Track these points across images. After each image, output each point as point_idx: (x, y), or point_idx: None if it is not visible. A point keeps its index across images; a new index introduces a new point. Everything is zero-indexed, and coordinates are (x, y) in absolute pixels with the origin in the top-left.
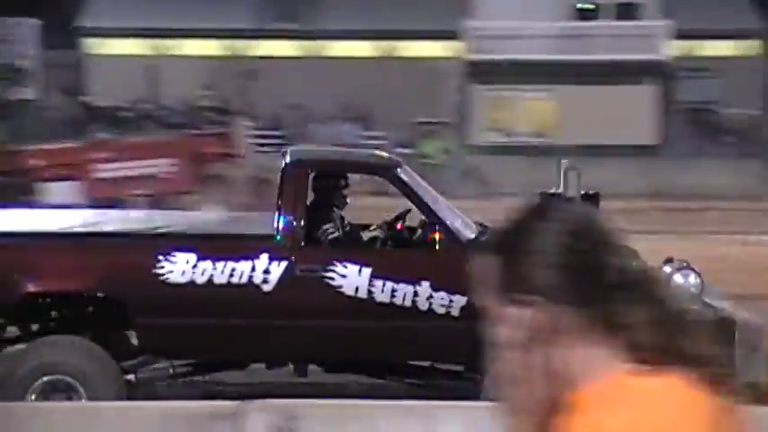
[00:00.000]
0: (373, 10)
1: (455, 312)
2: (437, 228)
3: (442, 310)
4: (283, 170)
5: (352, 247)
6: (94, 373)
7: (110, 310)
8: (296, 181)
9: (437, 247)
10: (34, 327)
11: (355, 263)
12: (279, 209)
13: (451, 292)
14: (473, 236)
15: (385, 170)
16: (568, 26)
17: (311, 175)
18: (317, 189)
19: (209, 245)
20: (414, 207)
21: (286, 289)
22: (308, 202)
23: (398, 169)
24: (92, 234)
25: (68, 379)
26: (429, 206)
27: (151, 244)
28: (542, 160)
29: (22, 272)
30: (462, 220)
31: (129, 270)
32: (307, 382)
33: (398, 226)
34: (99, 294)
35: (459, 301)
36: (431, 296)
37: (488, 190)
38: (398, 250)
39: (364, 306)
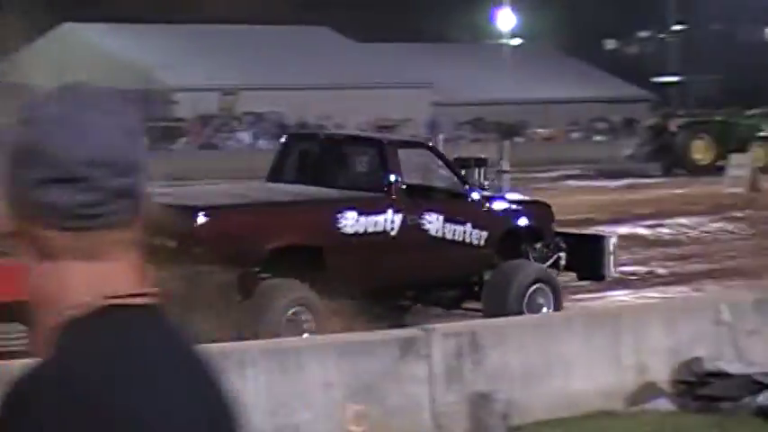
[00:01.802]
0: None
1: (482, 243)
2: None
3: (477, 242)
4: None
5: (434, 202)
6: (316, 305)
7: (313, 256)
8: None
9: (468, 200)
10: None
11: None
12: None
13: (480, 229)
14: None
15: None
16: None
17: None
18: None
19: (357, 203)
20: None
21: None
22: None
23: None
24: (294, 202)
25: (303, 309)
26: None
27: (330, 206)
28: None
29: (263, 233)
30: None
31: (323, 226)
32: None
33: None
34: (308, 245)
35: (483, 235)
36: (471, 233)
37: None
38: (454, 202)
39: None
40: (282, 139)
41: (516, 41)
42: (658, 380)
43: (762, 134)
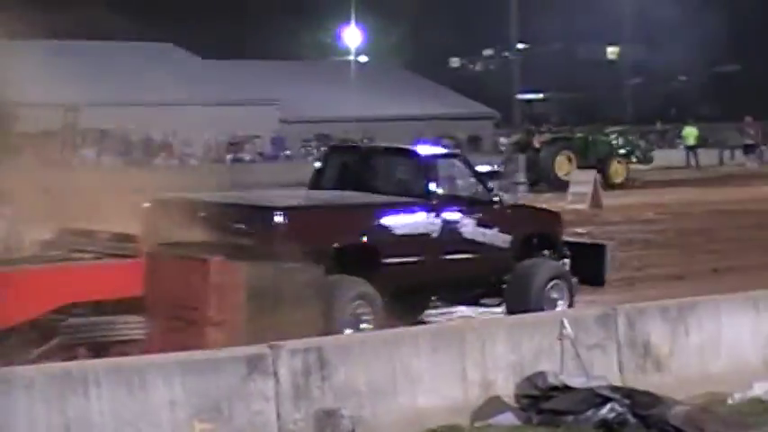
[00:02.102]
0: None
1: (506, 246)
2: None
3: (502, 245)
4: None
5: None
6: (376, 300)
7: (369, 255)
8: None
9: (494, 206)
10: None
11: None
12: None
13: (505, 233)
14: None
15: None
16: None
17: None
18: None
19: (405, 208)
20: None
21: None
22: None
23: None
24: (356, 205)
25: (363, 304)
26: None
27: (385, 210)
28: None
29: (330, 232)
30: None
31: (379, 227)
32: None
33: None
34: (367, 244)
35: (507, 238)
36: (497, 236)
37: None
38: (483, 208)
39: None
40: (325, 151)
41: (363, 59)
42: (503, 394)
43: (621, 151)
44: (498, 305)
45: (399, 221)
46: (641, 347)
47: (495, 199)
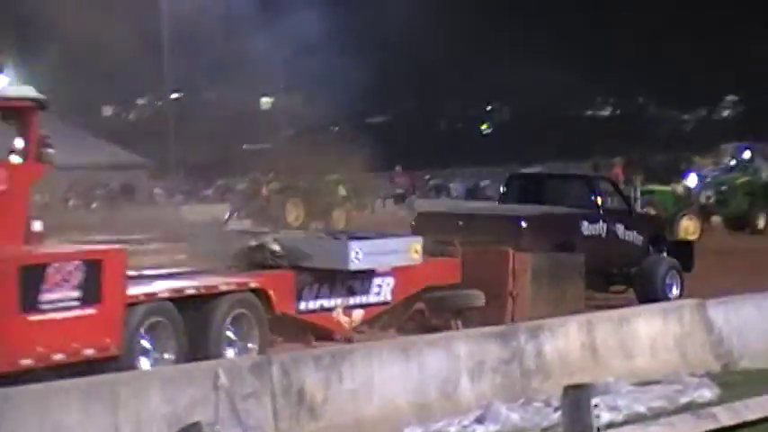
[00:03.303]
0: None
1: (641, 244)
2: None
3: (639, 243)
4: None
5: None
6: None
7: (570, 249)
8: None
9: (632, 215)
10: None
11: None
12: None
13: (641, 234)
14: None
15: (612, 181)
16: None
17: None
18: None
19: (588, 217)
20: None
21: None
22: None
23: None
24: (563, 214)
25: None
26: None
27: (579, 218)
28: None
29: (551, 233)
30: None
31: (577, 229)
32: None
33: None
34: (570, 240)
35: (641, 238)
36: (636, 237)
37: None
38: (626, 216)
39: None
40: (508, 177)
41: None
42: None
43: (342, 195)
44: (624, 291)
45: (585, 226)
46: (295, 396)
47: (636, 211)
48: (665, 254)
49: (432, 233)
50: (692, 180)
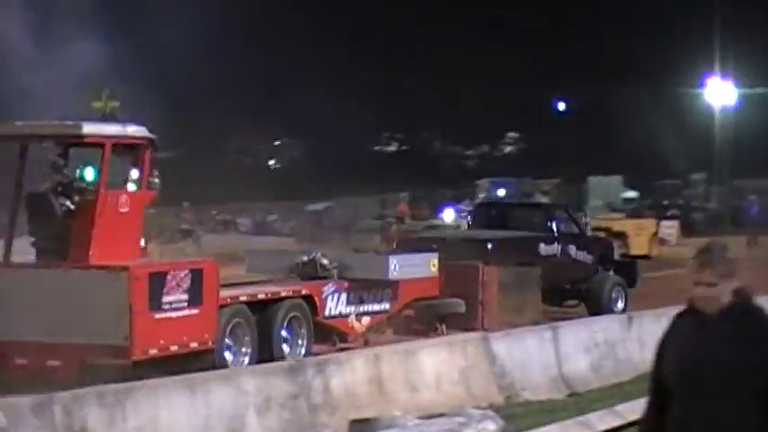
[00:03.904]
0: None
1: (591, 263)
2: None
3: (589, 262)
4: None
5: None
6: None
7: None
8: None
9: (584, 237)
10: None
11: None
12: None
13: (590, 254)
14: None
15: (566, 208)
16: None
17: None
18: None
19: (544, 240)
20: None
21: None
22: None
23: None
24: (524, 237)
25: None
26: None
27: (537, 241)
28: None
29: (513, 254)
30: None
31: (535, 251)
32: None
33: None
34: (526, 262)
35: (591, 258)
36: (587, 257)
37: None
38: (579, 238)
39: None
40: (476, 205)
41: None
42: None
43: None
44: (577, 305)
45: (542, 247)
46: None
47: (586, 233)
48: (611, 272)
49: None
50: (447, 215)
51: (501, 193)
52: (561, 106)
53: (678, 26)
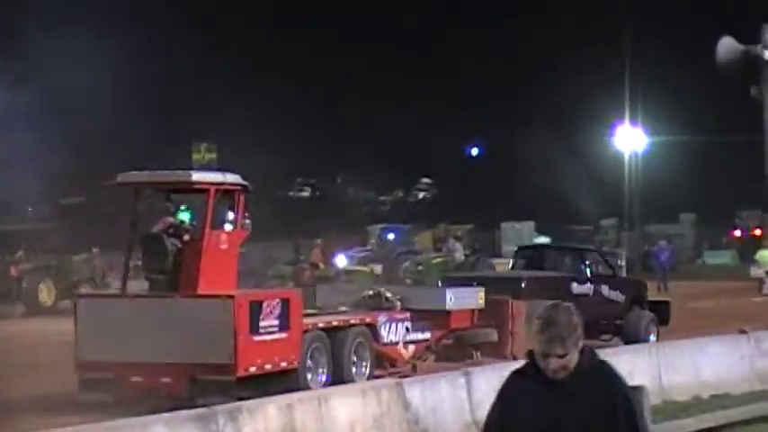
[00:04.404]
0: None
1: (623, 302)
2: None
3: (621, 301)
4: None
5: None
6: None
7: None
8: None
9: (616, 278)
10: None
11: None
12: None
13: (623, 294)
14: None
15: (599, 251)
16: None
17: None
18: None
19: (576, 279)
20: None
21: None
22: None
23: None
24: (557, 277)
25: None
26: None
27: (569, 281)
28: None
29: (542, 291)
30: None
31: (567, 289)
32: None
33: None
34: (559, 298)
35: (623, 297)
36: (618, 296)
37: None
38: (610, 279)
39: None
40: (517, 249)
41: None
42: None
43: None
44: (610, 339)
45: (574, 286)
46: None
47: (619, 275)
48: (646, 310)
49: None
50: (340, 260)
51: (391, 237)
52: (474, 152)
53: (589, 74)
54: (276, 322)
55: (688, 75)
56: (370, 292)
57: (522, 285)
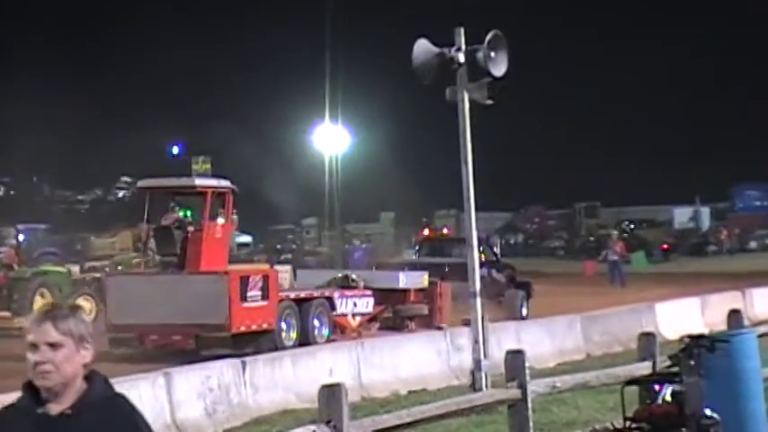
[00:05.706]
0: None
1: (504, 281)
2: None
3: (504, 281)
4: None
5: (493, 264)
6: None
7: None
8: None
9: (500, 263)
10: None
11: (494, 268)
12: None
13: (504, 275)
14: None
15: (488, 241)
16: None
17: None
18: None
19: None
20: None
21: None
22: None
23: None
24: (459, 263)
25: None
26: (495, 252)
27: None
28: None
29: (458, 273)
30: None
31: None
32: None
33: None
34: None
35: (503, 277)
36: (503, 277)
37: None
38: (496, 264)
39: (495, 280)
40: (421, 238)
41: None
42: None
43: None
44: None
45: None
46: None
47: (501, 260)
48: (519, 289)
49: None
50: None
51: (21, 238)
52: (175, 150)
53: (290, 74)
54: (259, 293)
55: (388, 74)
56: (339, 275)
57: (446, 270)
